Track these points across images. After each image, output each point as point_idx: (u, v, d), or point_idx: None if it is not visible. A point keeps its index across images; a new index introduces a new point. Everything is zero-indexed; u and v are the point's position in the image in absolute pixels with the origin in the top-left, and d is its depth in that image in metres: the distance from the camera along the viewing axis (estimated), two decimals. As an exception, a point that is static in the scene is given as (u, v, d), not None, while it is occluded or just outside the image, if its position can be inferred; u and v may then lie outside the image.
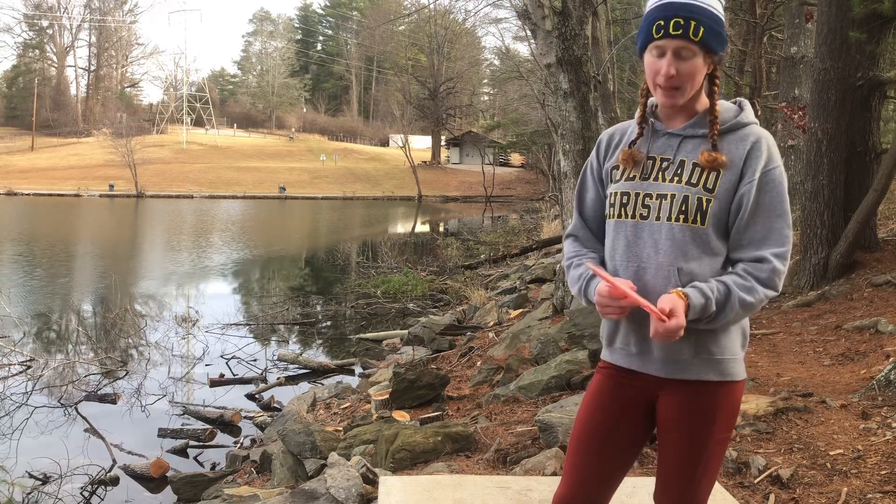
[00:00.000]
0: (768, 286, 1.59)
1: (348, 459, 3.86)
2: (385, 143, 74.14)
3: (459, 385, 5.98)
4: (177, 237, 25.22)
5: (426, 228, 31.72)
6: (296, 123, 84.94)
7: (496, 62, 68.05)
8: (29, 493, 5.07)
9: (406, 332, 9.61)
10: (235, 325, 11.07)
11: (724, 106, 1.69)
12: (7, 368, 8.25)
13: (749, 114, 1.68)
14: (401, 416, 5.07)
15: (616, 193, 1.70)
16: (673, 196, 1.62)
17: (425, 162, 64.79)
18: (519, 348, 6.31)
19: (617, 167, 1.73)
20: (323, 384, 7.96)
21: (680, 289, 1.58)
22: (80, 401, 7.32)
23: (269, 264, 19.42)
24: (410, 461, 3.89)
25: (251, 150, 70.10)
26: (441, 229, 31.68)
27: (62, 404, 7.21)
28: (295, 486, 3.94)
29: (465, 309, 10.79)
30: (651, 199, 1.64)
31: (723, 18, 1.61)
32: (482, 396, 5.35)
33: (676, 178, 1.63)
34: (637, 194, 1.66)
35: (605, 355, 1.80)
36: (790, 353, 5.35)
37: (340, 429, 5.26)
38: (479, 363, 6.47)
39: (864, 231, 6.96)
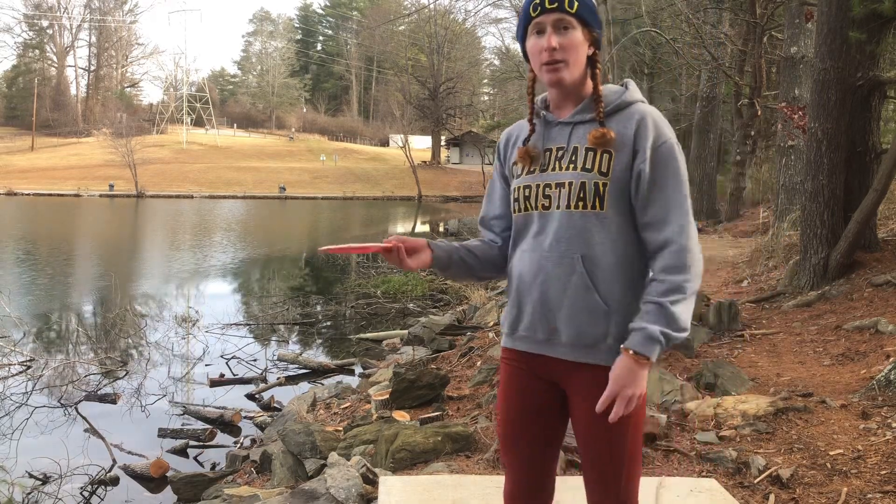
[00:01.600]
0: (683, 271, 1.58)
1: (348, 459, 3.86)
2: (385, 143, 74.13)
3: (459, 385, 5.98)
4: (177, 237, 25.22)
5: (426, 228, 31.72)
6: (296, 123, 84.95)
7: (496, 62, 68.11)
8: (29, 493, 5.07)
9: (406, 332, 9.61)
10: (235, 325, 11.07)
11: (609, 88, 1.72)
12: (7, 368, 8.25)
13: (634, 92, 1.70)
14: (401, 416, 5.07)
15: (519, 188, 1.73)
16: (570, 183, 1.63)
17: (425, 162, 64.80)
18: (519, 348, 6.29)
19: (517, 163, 1.76)
20: (323, 384, 7.95)
21: (629, 349, 1.56)
22: (80, 401, 7.31)
23: (270, 264, 19.42)
24: (410, 461, 3.89)
25: (251, 150, 70.10)
26: (441, 229, 31.69)
27: (62, 404, 7.20)
28: (295, 486, 3.94)
29: (465, 309, 10.79)
30: (551, 188, 1.67)
31: (595, 4, 1.68)
32: (482, 396, 5.35)
33: (572, 166, 1.65)
34: (538, 185, 1.69)
35: (507, 343, 1.80)
36: (790, 353, 5.35)
37: (340, 429, 5.26)
38: (479, 363, 6.47)
39: (864, 231, 6.96)
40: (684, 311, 1.57)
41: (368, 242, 1.71)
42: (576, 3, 1.62)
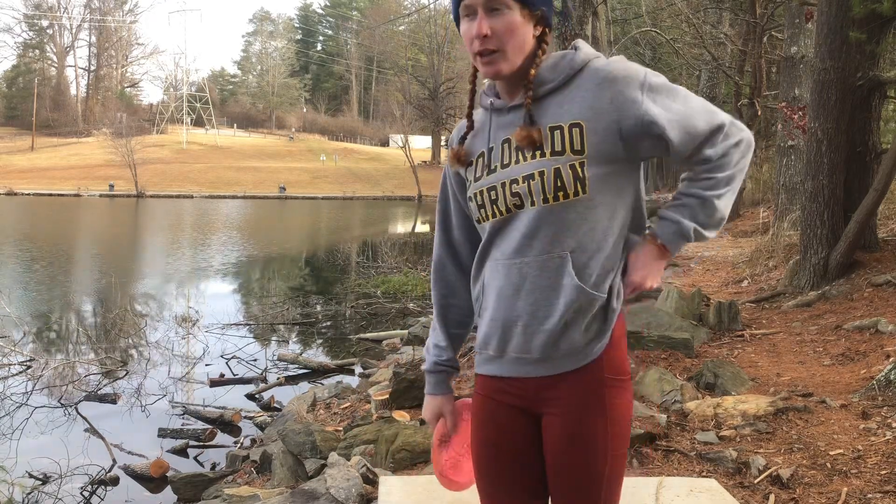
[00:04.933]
0: (728, 167, 1.41)
1: (348, 459, 3.86)
2: (385, 143, 74.17)
3: (460, 385, 5.98)
4: (177, 237, 25.22)
5: (426, 228, 31.70)
6: (296, 123, 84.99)
7: (496, 62, 68.02)
8: (29, 493, 5.07)
9: (406, 332, 9.60)
10: (235, 325, 11.07)
11: (559, 55, 1.45)
12: (7, 368, 8.25)
13: (585, 50, 1.44)
14: (401, 416, 5.07)
15: (481, 192, 1.46)
16: (542, 173, 1.37)
17: (425, 162, 64.80)
18: (519, 348, 6.28)
19: (470, 164, 1.51)
20: (323, 384, 7.95)
21: (657, 239, 1.44)
22: (80, 401, 7.31)
23: (269, 264, 19.42)
24: (410, 461, 3.89)
25: (251, 150, 70.13)
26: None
27: (62, 404, 7.20)
28: (295, 486, 3.94)
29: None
30: (518, 184, 1.40)
31: None
32: (482, 396, 5.34)
33: (538, 153, 1.39)
34: (503, 185, 1.42)
35: (488, 369, 1.53)
36: (790, 353, 5.36)
37: (340, 429, 5.26)
38: (479, 363, 6.46)
39: (864, 231, 6.96)
40: (727, 204, 1.42)
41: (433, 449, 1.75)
42: None
